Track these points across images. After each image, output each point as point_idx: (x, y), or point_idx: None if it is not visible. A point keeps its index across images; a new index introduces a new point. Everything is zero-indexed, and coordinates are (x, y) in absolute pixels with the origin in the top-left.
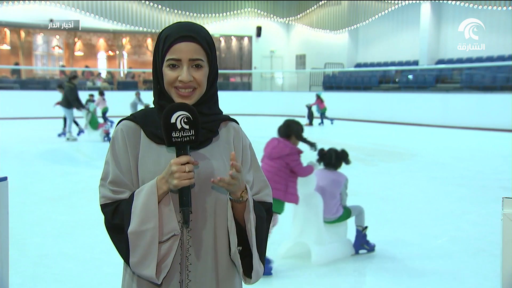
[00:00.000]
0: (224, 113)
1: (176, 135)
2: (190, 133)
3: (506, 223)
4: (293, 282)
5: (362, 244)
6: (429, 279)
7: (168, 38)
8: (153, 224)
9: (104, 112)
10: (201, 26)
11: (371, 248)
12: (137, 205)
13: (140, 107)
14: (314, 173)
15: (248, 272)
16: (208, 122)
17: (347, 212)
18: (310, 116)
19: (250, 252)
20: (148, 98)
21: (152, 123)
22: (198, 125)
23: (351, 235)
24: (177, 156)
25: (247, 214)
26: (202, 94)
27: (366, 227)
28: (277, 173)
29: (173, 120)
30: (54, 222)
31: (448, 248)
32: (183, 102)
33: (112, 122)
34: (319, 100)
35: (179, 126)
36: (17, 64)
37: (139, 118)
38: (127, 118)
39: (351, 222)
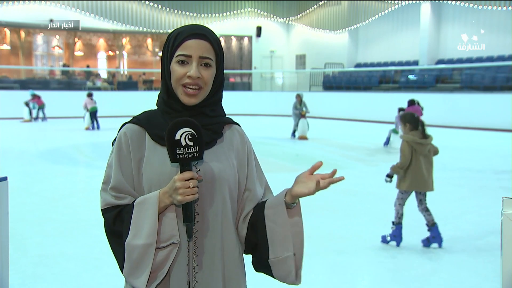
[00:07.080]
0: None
1: (181, 152)
2: (195, 149)
3: (506, 223)
4: None
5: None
6: (429, 279)
7: (179, 35)
8: (150, 240)
9: (92, 112)
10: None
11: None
12: (137, 217)
13: (295, 115)
14: None
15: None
16: (212, 124)
17: None
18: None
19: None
20: (146, 98)
21: (157, 125)
22: (202, 141)
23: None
24: (181, 172)
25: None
26: (207, 94)
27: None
28: None
29: (177, 137)
30: (54, 222)
31: (448, 248)
32: (187, 118)
33: (98, 124)
34: (37, 97)
35: (183, 143)
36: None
37: (143, 120)
38: (131, 121)
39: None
